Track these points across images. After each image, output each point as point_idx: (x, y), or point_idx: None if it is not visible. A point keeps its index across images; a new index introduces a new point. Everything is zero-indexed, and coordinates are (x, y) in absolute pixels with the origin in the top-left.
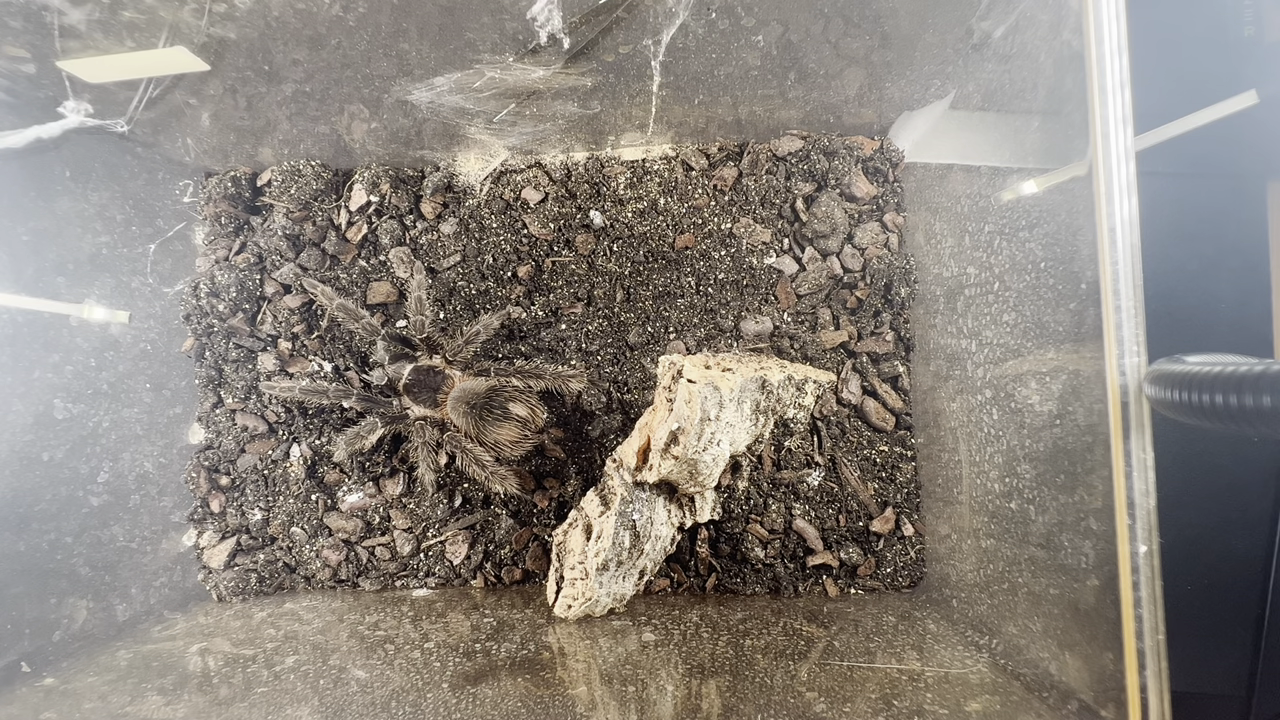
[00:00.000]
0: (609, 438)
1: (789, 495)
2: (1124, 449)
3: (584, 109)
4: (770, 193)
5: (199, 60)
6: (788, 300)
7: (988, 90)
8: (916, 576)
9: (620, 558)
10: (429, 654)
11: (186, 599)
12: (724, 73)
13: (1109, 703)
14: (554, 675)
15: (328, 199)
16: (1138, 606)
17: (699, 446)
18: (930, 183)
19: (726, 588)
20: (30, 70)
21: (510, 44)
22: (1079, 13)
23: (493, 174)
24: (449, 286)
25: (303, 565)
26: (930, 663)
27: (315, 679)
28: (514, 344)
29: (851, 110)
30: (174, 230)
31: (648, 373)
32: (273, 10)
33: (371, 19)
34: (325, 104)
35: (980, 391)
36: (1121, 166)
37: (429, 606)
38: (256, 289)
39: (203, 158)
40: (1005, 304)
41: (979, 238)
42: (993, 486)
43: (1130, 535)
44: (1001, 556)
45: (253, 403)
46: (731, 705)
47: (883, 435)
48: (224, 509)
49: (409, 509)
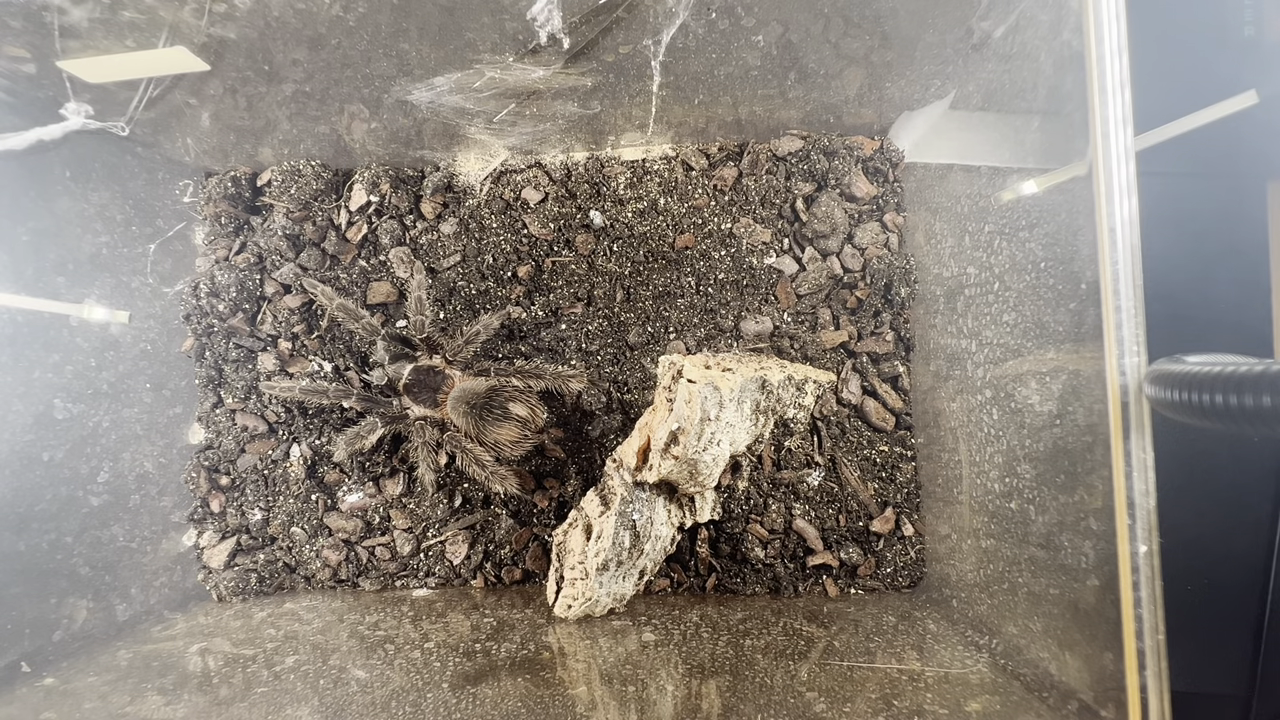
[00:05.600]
0: (609, 438)
1: (789, 495)
2: (1124, 449)
3: (584, 109)
4: (770, 193)
5: (199, 60)
6: (788, 300)
7: (988, 90)
8: (916, 576)
9: (620, 558)
10: (429, 654)
11: (186, 599)
12: (724, 73)
13: (1109, 703)
14: (554, 675)
15: (328, 199)
16: (1138, 606)
17: (699, 446)
18: (930, 183)
19: (726, 588)
20: (30, 70)
21: (510, 44)
22: (1079, 13)
23: (493, 174)
24: (449, 286)
25: (303, 565)
26: (930, 663)
27: (315, 679)
28: (514, 344)
29: (851, 110)
30: (174, 230)
31: (648, 373)
32: (273, 10)
33: (371, 19)
34: (325, 104)
35: (980, 391)
36: (1121, 166)
37: (429, 606)
38: (256, 289)
39: (203, 158)
40: (1005, 304)
41: (979, 238)
42: (993, 486)
43: (1130, 535)
44: (1001, 556)
45: (253, 403)
46: (731, 705)
47: (883, 435)
48: (224, 509)
49: (409, 509)
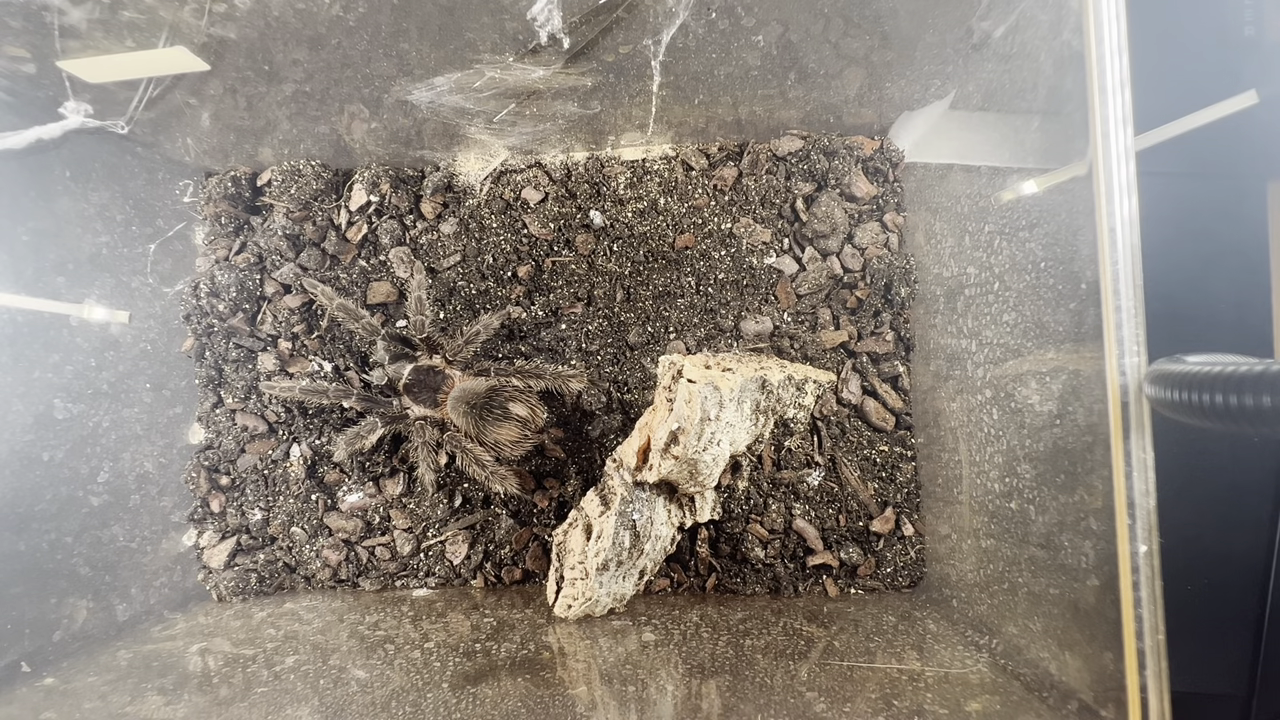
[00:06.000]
0: (609, 438)
1: (789, 495)
2: (1124, 449)
3: (584, 109)
4: (770, 193)
5: (199, 60)
6: (788, 300)
7: (988, 90)
8: (916, 576)
9: (620, 558)
10: (429, 654)
11: (186, 599)
12: (724, 73)
13: (1109, 703)
14: (554, 675)
15: (328, 199)
16: (1138, 606)
17: (699, 446)
18: (930, 183)
19: (726, 588)
20: (30, 70)
21: (510, 44)
22: (1079, 13)
23: (493, 174)
24: (449, 286)
25: (303, 565)
26: (930, 663)
27: (315, 679)
28: (514, 344)
29: (851, 110)
30: (174, 230)
31: (648, 373)
32: (273, 10)
33: (371, 19)
34: (325, 104)
35: (980, 391)
36: (1121, 166)
37: (429, 606)
38: (256, 289)
39: (203, 158)
40: (1005, 304)
41: (979, 238)
42: (993, 486)
43: (1130, 535)
44: (1001, 556)
45: (253, 403)
46: (731, 705)
47: (883, 435)
48: (224, 509)
49: (409, 509)
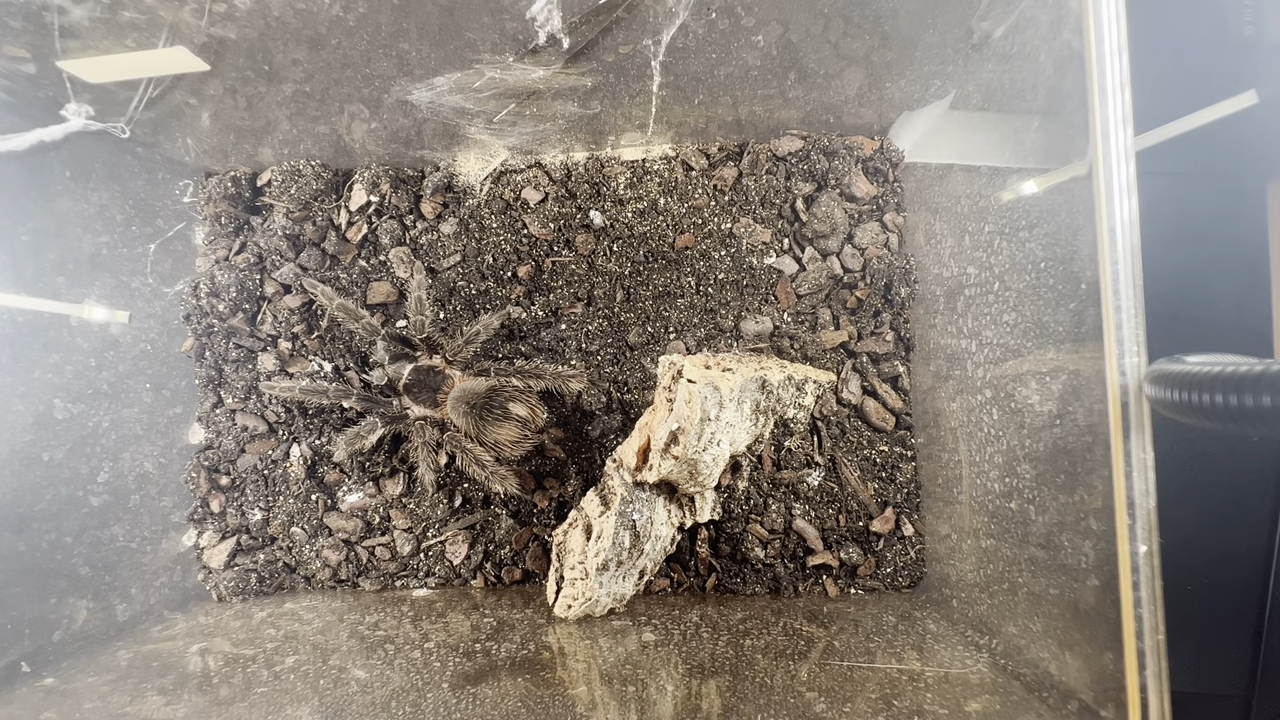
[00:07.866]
0: (609, 438)
1: (789, 495)
2: (1124, 449)
3: (584, 109)
4: (770, 193)
5: (199, 60)
6: (788, 300)
7: (988, 90)
8: (916, 576)
9: (620, 558)
10: (429, 654)
11: (186, 599)
12: (724, 73)
13: (1109, 703)
14: (554, 675)
15: (328, 199)
16: (1138, 606)
17: (699, 446)
18: (930, 183)
19: (726, 588)
20: (31, 70)
21: (510, 44)
22: (1079, 13)
23: (493, 174)
24: (449, 286)
25: (303, 565)
26: (930, 663)
27: (315, 679)
28: (514, 344)
29: (851, 110)
30: (174, 230)
31: (648, 373)
32: (273, 10)
33: (371, 19)
34: (325, 104)
35: (980, 391)
36: (1121, 166)
37: (429, 606)
38: (256, 289)
39: (203, 158)
40: (1005, 304)
41: (979, 238)
42: (993, 486)
43: (1130, 535)
44: (1001, 556)
45: (253, 403)
46: (731, 705)
47: (883, 435)
48: (224, 509)
49: (409, 509)
